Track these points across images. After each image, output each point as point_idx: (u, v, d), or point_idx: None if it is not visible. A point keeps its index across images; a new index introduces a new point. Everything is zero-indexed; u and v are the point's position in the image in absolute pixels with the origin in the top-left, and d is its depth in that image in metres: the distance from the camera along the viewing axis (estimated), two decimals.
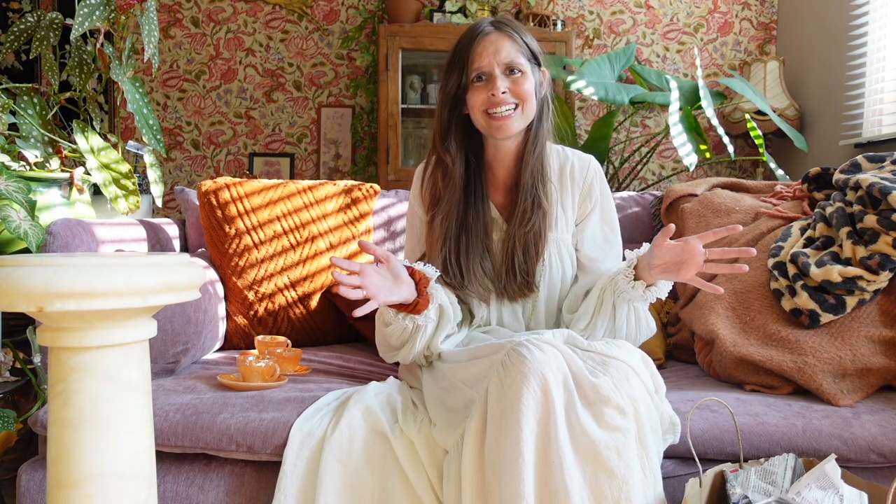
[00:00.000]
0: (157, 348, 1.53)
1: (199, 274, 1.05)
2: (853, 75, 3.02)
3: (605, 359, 1.17)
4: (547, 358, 1.09)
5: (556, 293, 1.46)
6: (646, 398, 1.16)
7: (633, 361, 1.19)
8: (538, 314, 1.47)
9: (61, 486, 0.96)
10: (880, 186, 1.56)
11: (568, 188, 1.47)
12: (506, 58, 1.34)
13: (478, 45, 1.34)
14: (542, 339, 1.14)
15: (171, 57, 3.62)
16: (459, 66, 1.36)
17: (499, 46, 1.34)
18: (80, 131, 1.89)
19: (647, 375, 1.21)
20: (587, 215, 1.48)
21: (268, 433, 1.27)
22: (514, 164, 1.44)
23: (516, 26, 1.39)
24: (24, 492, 1.32)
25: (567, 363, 1.12)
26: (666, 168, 3.75)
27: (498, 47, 1.34)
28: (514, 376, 1.08)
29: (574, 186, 1.47)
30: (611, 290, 1.35)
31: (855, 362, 1.47)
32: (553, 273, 1.44)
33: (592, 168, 1.49)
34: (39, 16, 2.10)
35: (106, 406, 0.96)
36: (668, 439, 1.24)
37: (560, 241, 1.45)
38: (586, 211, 1.48)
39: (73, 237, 1.46)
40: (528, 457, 1.04)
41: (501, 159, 1.44)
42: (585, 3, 3.70)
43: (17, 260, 0.91)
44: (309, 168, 3.70)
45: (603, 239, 1.47)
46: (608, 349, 1.20)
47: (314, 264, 1.90)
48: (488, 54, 1.34)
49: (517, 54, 1.36)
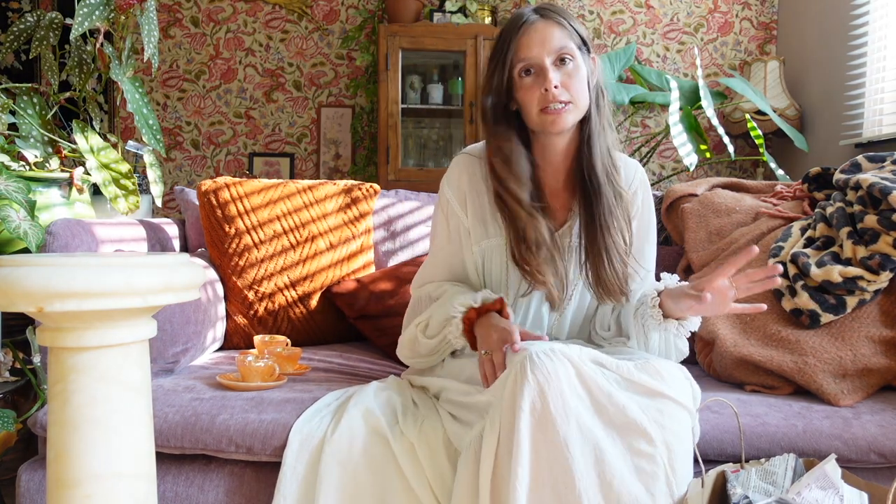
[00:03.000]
0: (157, 348, 1.53)
1: (199, 274, 1.05)
2: (853, 75, 3.02)
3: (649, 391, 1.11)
4: (554, 369, 1.05)
5: (587, 303, 1.41)
6: (686, 431, 1.11)
7: (675, 390, 1.13)
8: (563, 323, 1.41)
9: (61, 486, 0.96)
10: (881, 186, 1.56)
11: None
12: (555, 46, 1.25)
13: (524, 36, 1.25)
14: (559, 351, 1.08)
15: (170, 57, 3.62)
16: (503, 59, 1.27)
17: (546, 35, 1.24)
18: (79, 131, 1.88)
19: (689, 395, 1.16)
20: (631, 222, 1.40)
21: (267, 434, 1.27)
22: (563, 162, 1.35)
23: (563, 12, 1.30)
24: (24, 492, 1.32)
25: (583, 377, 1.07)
26: (666, 168, 3.75)
27: (546, 36, 1.24)
28: (515, 390, 1.05)
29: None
30: (639, 318, 1.31)
31: (855, 362, 1.46)
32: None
33: (639, 175, 1.41)
34: (39, 16, 2.10)
35: (105, 406, 0.96)
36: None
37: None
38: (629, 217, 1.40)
39: (73, 237, 1.46)
40: (521, 478, 1.02)
41: (550, 158, 1.35)
42: (585, 3, 3.70)
43: (17, 260, 0.91)
44: (309, 168, 3.70)
45: (637, 251, 1.40)
46: (650, 380, 1.11)
47: (314, 264, 1.90)
48: (536, 44, 1.24)
49: (567, 41, 1.26)
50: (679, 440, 1.09)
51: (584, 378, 1.07)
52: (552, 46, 1.25)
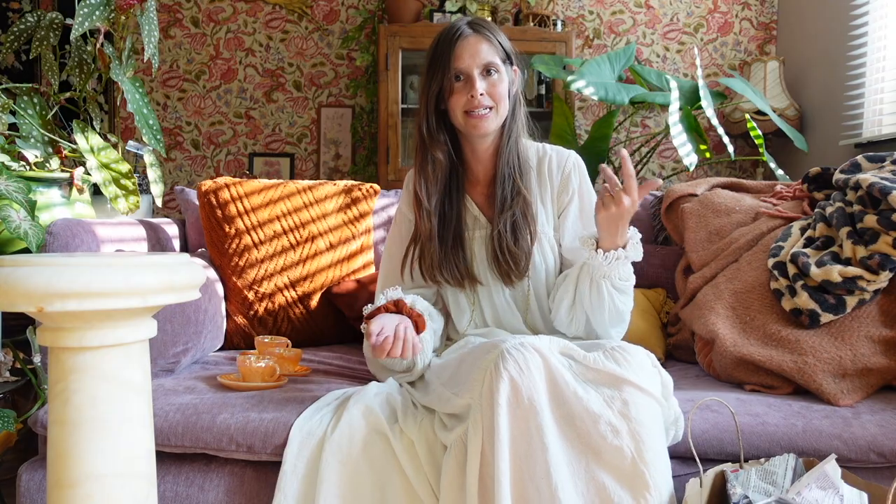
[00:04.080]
0: (157, 348, 1.53)
1: (199, 274, 1.05)
2: (853, 75, 3.02)
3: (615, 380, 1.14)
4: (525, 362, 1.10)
5: (543, 287, 1.49)
6: (655, 420, 1.14)
7: (642, 379, 1.16)
8: (532, 311, 1.49)
9: (61, 486, 0.96)
10: (880, 186, 1.56)
11: (546, 182, 1.50)
12: (483, 59, 1.40)
13: (458, 47, 1.40)
14: (529, 344, 1.14)
15: (171, 57, 3.62)
16: (442, 66, 1.41)
17: (476, 49, 1.40)
18: (80, 131, 1.89)
19: (658, 382, 1.20)
20: (566, 206, 1.50)
21: (268, 433, 1.27)
22: (492, 162, 1.49)
23: (492, 27, 1.45)
24: (24, 492, 1.32)
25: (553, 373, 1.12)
26: (666, 168, 3.75)
27: (475, 49, 1.40)
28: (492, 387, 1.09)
29: (552, 179, 1.51)
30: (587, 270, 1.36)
31: (855, 362, 1.47)
32: (537, 267, 1.47)
33: (571, 160, 1.52)
34: (39, 16, 2.10)
35: (106, 406, 0.96)
36: (671, 432, 1.24)
37: (542, 235, 1.47)
38: (564, 202, 1.50)
39: (73, 237, 1.46)
40: (504, 471, 1.05)
41: (479, 157, 1.49)
42: (585, 3, 3.70)
43: (17, 260, 0.91)
44: (309, 168, 3.70)
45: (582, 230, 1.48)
46: (616, 368, 1.15)
47: (314, 264, 1.90)
48: (468, 56, 1.39)
49: (493, 55, 1.41)
50: (646, 430, 1.11)
51: (552, 370, 1.12)
52: (480, 59, 1.40)
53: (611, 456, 1.08)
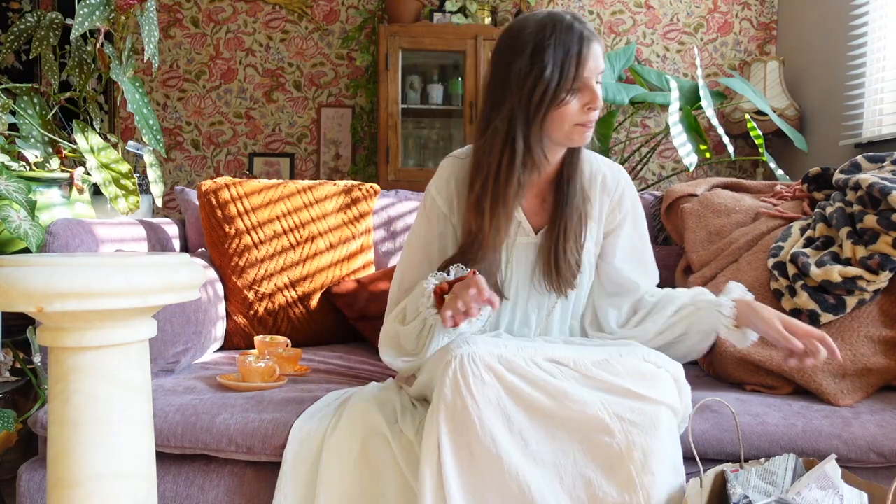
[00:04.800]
0: (157, 348, 1.53)
1: (199, 274, 1.05)
2: (853, 75, 3.02)
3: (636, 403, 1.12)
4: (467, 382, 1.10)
5: (570, 302, 1.44)
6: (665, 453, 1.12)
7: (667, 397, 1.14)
8: (552, 322, 1.43)
9: (61, 486, 0.96)
10: (880, 186, 1.56)
11: (597, 198, 1.43)
12: (601, 67, 1.29)
13: (589, 50, 1.26)
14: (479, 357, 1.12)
15: (171, 57, 3.62)
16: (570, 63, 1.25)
17: (598, 54, 1.28)
18: (80, 131, 1.89)
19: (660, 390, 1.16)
20: (617, 227, 1.44)
21: (267, 434, 1.27)
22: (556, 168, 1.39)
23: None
24: (24, 492, 1.32)
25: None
26: (666, 168, 3.75)
27: (598, 55, 1.28)
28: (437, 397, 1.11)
29: (604, 196, 1.43)
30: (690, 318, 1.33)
31: (855, 362, 1.47)
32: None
33: (624, 178, 1.45)
34: (39, 16, 2.10)
35: (106, 406, 0.96)
36: (682, 426, 1.23)
37: (586, 249, 1.41)
38: (615, 221, 1.44)
39: (73, 237, 1.46)
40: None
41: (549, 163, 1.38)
42: (585, 3, 3.70)
43: (17, 260, 0.91)
44: (309, 168, 3.70)
45: (632, 249, 1.44)
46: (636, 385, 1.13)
47: (314, 264, 1.90)
48: (591, 62, 1.26)
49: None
50: (646, 434, 1.10)
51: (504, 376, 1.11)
52: (599, 66, 1.28)
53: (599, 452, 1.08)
